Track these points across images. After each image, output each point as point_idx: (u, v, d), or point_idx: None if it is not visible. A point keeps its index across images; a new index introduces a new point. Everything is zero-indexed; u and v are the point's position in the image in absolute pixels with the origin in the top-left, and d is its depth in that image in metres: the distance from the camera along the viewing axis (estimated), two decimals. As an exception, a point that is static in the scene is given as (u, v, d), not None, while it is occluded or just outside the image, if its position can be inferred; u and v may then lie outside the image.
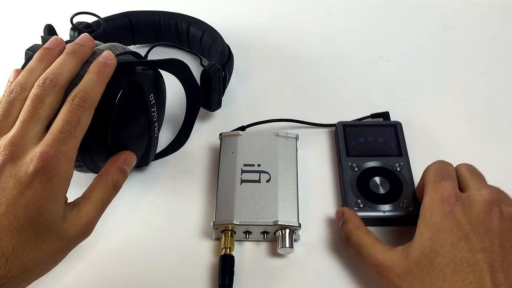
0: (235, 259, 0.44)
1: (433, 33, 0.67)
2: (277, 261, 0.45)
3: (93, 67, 0.40)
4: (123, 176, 0.42)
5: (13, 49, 0.52)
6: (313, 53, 0.64)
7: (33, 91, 0.38)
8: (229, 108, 0.57)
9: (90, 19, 0.56)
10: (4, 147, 0.35)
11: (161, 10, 0.62)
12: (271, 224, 0.44)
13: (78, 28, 0.55)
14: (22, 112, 0.37)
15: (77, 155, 0.38)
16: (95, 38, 0.43)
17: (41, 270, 0.36)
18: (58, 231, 0.36)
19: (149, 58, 0.48)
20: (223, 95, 0.56)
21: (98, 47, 0.43)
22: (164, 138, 0.53)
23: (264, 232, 0.45)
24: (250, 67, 0.63)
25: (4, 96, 0.38)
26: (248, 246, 0.46)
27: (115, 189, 0.41)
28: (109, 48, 0.44)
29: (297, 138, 0.51)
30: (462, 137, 0.54)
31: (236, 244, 0.46)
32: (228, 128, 0.53)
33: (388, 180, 0.48)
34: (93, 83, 0.39)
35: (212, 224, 0.45)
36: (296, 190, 0.47)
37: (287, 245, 0.44)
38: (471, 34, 0.67)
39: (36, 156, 0.35)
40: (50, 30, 0.51)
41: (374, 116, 0.55)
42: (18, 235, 0.34)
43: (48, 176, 0.34)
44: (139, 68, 0.44)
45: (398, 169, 0.49)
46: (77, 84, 0.39)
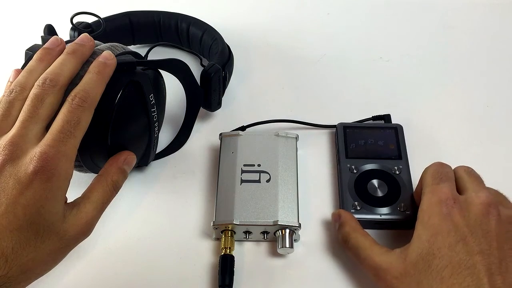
0: (235, 259, 0.44)
1: (433, 33, 0.67)
2: (277, 261, 0.45)
3: (93, 67, 0.40)
4: (123, 176, 0.42)
5: (13, 49, 0.52)
6: (313, 53, 0.64)
7: (33, 91, 0.38)
8: (229, 108, 0.57)
9: (90, 19, 0.56)
10: (4, 147, 0.35)
11: (161, 10, 0.62)
12: (271, 224, 0.44)
13: (78, 28, 0.55)
14: (22, 112, 0.37)
15: (77, 155, 0.38)
16: (95, 38, 0.43)
17: (41, 270, 0.36)
18: (58, 231, 0.36)
19: (149, 58, 0.48)
20: (223, 95, 0.56)
21: (98, 47, 0.43)
22: (164, 138, 0.53)
23: (264, 232, 0.45)
24: (250, 67, 0.63)
25: (4, 96, 0.38)
26: (248, 246, 0.46)
27: (115, 189, 0.41)
28: (109, 48, 0.44)
29: (297, 138, 0.51)
30: (462, 137, 0.54)
31: (236, 244, 0.46)
32: (228, 128, 0.53)
33: (386, 183, 0.48)
34: (93, 83, 0.39)
35: (212, 224, 0.45)
36: (296, 190, 0.47)
37: (287, 245, 0.44)
38: (471, 34, 0.67)
39: (36, 156, 0.35)
40: (50, 30, 0.50)
41: (376, 119, 0.55)
42: (18, 235, 0.34)
43: (48, 176, 0.34)
44: (139, 68, 0.44)
45: (397, 173, 0.48)
46: (77, 84, 0.39)
